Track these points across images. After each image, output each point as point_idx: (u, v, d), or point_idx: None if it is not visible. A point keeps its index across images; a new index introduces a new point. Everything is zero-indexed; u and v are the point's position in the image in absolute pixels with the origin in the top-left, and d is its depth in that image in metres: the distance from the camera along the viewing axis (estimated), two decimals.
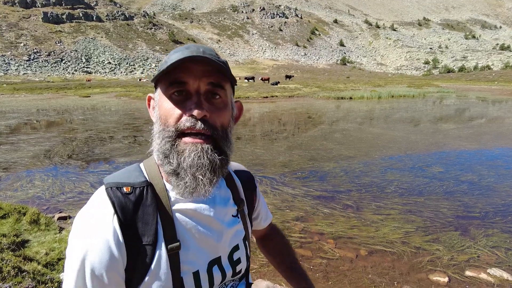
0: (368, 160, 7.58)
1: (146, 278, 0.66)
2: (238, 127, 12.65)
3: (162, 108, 0.69)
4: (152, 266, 0.66)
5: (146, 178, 0.71)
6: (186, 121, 0.67)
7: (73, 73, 71.70)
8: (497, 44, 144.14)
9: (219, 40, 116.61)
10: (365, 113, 17.16)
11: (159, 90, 0.71)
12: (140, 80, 57.50)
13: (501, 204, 5.09)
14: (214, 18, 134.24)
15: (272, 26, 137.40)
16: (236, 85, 0.77)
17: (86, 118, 15.71)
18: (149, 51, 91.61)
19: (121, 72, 77.84)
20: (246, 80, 43.88)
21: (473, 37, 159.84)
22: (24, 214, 4.04)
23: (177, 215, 0.71)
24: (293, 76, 52.95)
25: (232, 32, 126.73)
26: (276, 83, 37.83)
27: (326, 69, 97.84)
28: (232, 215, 0.81)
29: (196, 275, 0.71)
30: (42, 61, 71.97)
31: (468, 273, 3.40)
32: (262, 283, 3.33)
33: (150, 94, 0.78)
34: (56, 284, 2.49)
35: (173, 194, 0.72)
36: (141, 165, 0.76)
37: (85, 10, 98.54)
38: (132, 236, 0.65)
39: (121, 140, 10.23)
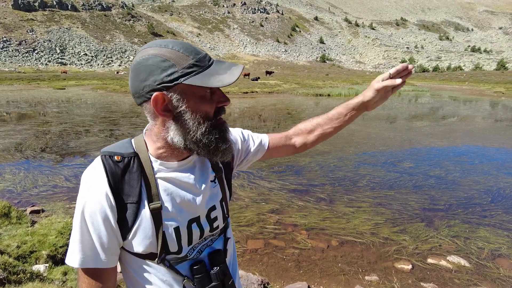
0: (343, 155, 7.81)
1: (133, 229, 0.81)
2: None
3: (198, 105, 0.81)
4: (137, 220, 0.81)
5: (134, 150, 0.85)
6: (219, 112, 0.85)
7: (46, 64, 68.95)
8: (469, 46, 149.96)
9: (199, 34, 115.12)
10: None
11: (183, 90, 0.79)
12: (117, 72, 56.06)
13: (464, 197, 5.40)
14: (195, 12, 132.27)
15: (253, 21, 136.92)
16: None
17: (60, 110, 15.24)
18: (127, 43, 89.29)
19: (98, 64, 75.56)
20: None
21: (447, 38, 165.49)
22: None
23: (160, 181, 0.85)
24: (273, 72, 53.09)
25: (213, 26, 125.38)
26: (257, 79, 37.85)
27: (306, 66, 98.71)
28: (211, 181, 0.94)
29: (176, 230, 0.85)
30: (12, 51, 68.73)
31: (430, 260, 3.63)
32: None
33: (161, 93, 0.78)
34: (28, 275, 2.49)
35: (156, 165, 0.86)
36: (132, 140, 0.90)
37: None
38: (120, 195, 0.80)
39: (97, 133, 10.03)
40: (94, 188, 0.79)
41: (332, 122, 1.17)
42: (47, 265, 2.94)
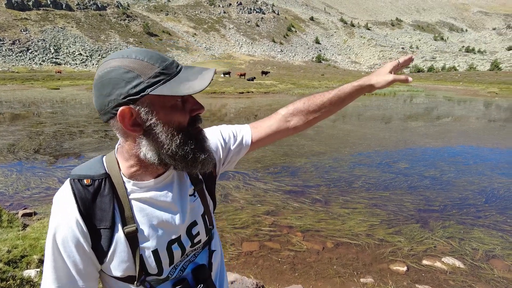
0: (338, 156, 7.81)
1: (109, 254, 0.77)
2: (214, 123, 12.62)
3: (169, 115, 0.77)
4: (112, 245, 0.77)
5: (105, 171, 0.80)
6: (194, 121, 0.82)
7: (40, 64, 68.38)
8: (463, 47, 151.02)
9: (195, 34, 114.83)
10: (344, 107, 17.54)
11: (151, 101, 0.74)
12: None
13: (458, 197, 5.42)
14: (190, 11, 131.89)
15: (249, 21, 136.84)
16: (212, 79, 0.83)
17: (54, 111, 15.11)
18: (122, 43, 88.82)
19: (93, 64, 75.04)
20: (222, 75, 43.59)
21: (442, 38, 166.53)
22: None
23: (134, 202, 0.80)
24: (269, 72, 53.06)
25: (209, 26, 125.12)
26: (252, 79, 37.83)
27: (302, 66, 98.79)
28: (190, 195, 0.89)
29: (155, 252, 0.81)
30: (5, 50, 68.05)
31: (425, 262, 3.63)
32: (230, 276, 3.40)
33: (128, 107, 0.74)
34: (18, 281, 2.44)
35: (129, 185, 0.80)
36: (104, 158, 0.84)
37: None
38: (91, 221, 0.76)
39: (92, 134, 9.95)
40: (64, 215, 0.76)
41: (337, 102, 1.08)
42: (38, 270, 2.89)
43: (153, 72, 0.72)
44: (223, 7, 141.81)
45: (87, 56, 77.61)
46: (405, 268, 3.50)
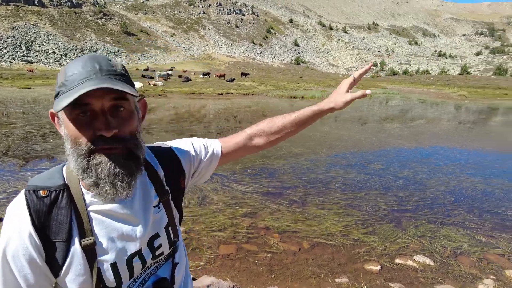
0: (315, 158, 7.93)
1: (64, 267, 0.75)
2: (193, 124, 12.51)
3: (71, 130, 0.73)
4: (68, 258, 0.75)
5: (64, 182, 0.78)
6: (97, 141, 0.73)
7: (10, 62, 65.58)
8: (435, 51, 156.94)
9: (174, 34, 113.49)
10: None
11: (63, 111, 0.73)
12: None
13: (430, 197, 5.62)
14: (169, 11, 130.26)
15: (228, 23, 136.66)
16: (191, 80, 0.78)
17: (26, 111, 14.51)
18: (99, 42, 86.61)
19: (68, 63, 72.81)
20: (201, 76, 43.30)
21: (416, 43, 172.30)
22: None
23: (93, 214, 0.78)
24: (248, 73, 53.22)
25: (188, 26, 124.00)
26: (232, 80, 37.79)
27: (281, 68, 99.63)
28: (154, 206, 0.86)
29: (113, 266, 0.78)
30: None
31: (397, 261, 3.74)
32: (207, 279, 3.36)
33: (52, 111, 0.78)
34: None
35: (88, 197, 0.78)
36: (64, 167, 0.81)
37: None
38: (46, 234, 0.74)
39: None
40: (15, 228, 0.73)
41: (298, 124, 1.12)
42: None
43: (59, 82, 0.73)
44: (202, 7, 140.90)
45: (61, 55, 75.18)
46: (378, 267, 3.59)
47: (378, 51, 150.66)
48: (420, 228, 4.49)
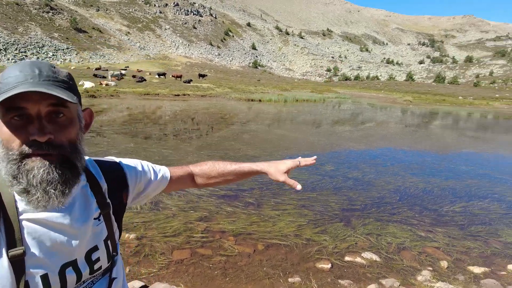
0: (271, 160, 8.05)
1: None
2: (148, 126, 12.13)
3: (3, 133, 0.70)
4: None
5: None
6: (30, 146, 0.70)
7: None
8: (384, 58, 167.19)
9: (128, 32, 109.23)
10: (273, 115, 18.11)
11: None
12: None
13: (377, 196, 5.96)
14: (124, 9, 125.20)
15: (186, 23, 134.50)
16: (146, 80, 0.76)
17: None
18: (45, 37, 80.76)
19: (8, 59, 66.86)
20: (157, 76, 42.07)
21: (367, 50, 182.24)
22: None
23: (25, 223, 0.73)
24: (206, 75, 52.71)
25: (143, 25, 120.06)
26: (189, 81, 37.21)
27: (239, 70, 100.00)
28: (94, 218, 0.84)
29: (44, 277, 0.74)
30: None
31: (347, 258, 3.91)
32: (159, 286, 3.29)
33: None
34: None
35: (22, 205, 0.74)
36: None
37: None
38: None
39: None
40: None
41: (236, 175, 1.18)
42: None
43: None
44: (159, 6, 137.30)
45: (0, 49, 68.97)
46: (329, 265, 3.73)
47: (332, 57, 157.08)
48: (368, 226, 4.74)
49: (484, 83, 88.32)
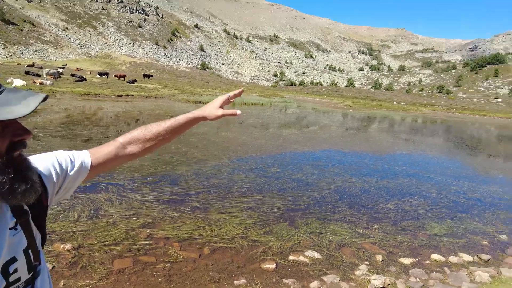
0: (219, 163, 8.04)
1: None
2: (87, 128, 11.36)
3: None
4: None
5: None
6: (17, 146, 0.73)
7: None
8: (327, 65, 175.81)
9: (66, 28, 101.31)
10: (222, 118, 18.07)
11: None
12: None
13: (319, 196, 6.25)
14: (61, 2, 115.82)
15: (130, 21, 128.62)
16: (86, 79, 0.73)
17: None
18: None
19: None
20: (98, 76, 39.63)
21: (311, 56, 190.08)
22: None
23: None
24: (152, 75, 50.89)
25: (84, 21, 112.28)
26: (133, 81, 35.62)
27: (187, 72, 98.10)
28: (10, 228, 0.79)
29: None
30: None
31: (291, 257, 4.04)
32: None
33: None
34: None
35: None
36: None
37: None
38: None
39: None
40: None
41: (173, 131, 1.14)
42: None
43: None
44: (101, 3, 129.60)
45: None
46: (274, 266, 3.83)
47: (278, 62, 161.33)
48: (310, 225, 4.95)
49: (415, 90, 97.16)
